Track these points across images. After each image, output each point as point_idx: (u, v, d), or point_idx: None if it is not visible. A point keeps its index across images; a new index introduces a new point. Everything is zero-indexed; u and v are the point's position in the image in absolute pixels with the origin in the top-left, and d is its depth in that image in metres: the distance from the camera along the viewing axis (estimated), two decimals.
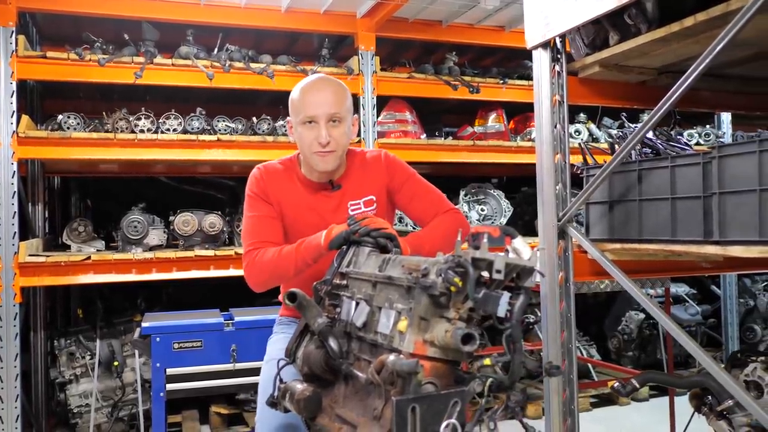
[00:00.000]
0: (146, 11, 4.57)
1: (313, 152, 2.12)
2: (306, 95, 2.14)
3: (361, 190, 2.23)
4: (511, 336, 1.46)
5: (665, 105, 2.20)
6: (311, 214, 2.21)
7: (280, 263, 2.06)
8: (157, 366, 3.71)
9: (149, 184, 6.01)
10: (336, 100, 2.12)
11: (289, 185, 2.24)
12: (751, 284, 6.72)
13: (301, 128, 2.14)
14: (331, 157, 2.13)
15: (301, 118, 2.13)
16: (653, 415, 5.16)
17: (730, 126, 6.33)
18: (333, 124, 2.11)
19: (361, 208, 2.23)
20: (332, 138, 2.10)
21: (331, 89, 2.15)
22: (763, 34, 2.24)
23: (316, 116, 2.10)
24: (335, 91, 2.15)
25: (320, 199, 2.23)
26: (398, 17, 5.02)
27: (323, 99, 2.11)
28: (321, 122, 2.10)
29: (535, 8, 2.80)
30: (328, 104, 2.10)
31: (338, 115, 2.11)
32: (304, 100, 2.13)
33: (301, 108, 2.13)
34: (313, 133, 2.10)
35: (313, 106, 2.10)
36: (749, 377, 2.60)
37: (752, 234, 2.08)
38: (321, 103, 2.10)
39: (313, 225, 2.13)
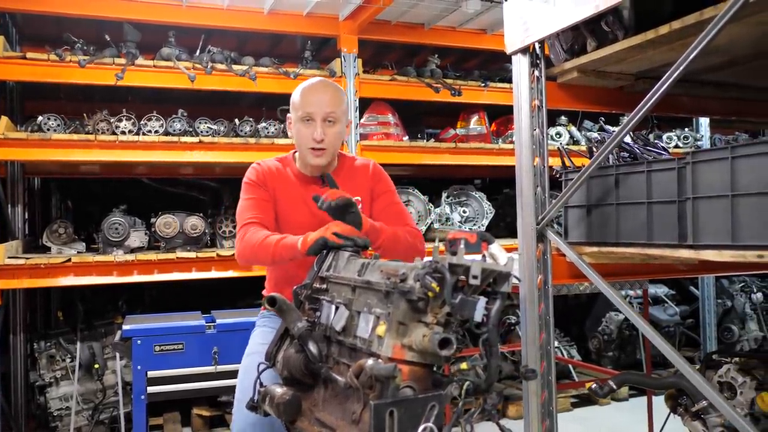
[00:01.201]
0: (127, 12, 4.54)
1: (308, 148, 2.31)
2: (306, 94, 2.32)
3: (349, 190, 2.34)
4: (488, 340, 1.49)
5: (641, 111, 2.24)
6: (303, 205, 2.37)
7: (260, 251, 2.19)
8: (138, 369, 3.69)
9: (130, 186, 5.99)
10: (333, 102, 2.31)
11: (284, 178, 2.41)
12: (729, 285, 6.81)
13: (299, 124, 2.32)
14: (324, 154, 2.32)
15: (300, 114, 2.30)
16: (633, 414, 5.22)
17: (708, 129, 6.42)
18: (328, 124, 2.30)
19: None
20: (326, 136, 2.29)
21: (329, 91, 2.34)
22: (735, 41, 2.29)
23: (314, 114, 2.28)
24: (333, 94, 2.34)
25: (312, 192, 2.33)
26: (381, 20, 5.05)
27: (321, 99, 2.30)
28: (317, 120, 2.28)
29: (514, 14, 2.84)
30: (325, 104, 2.29)
31: (333, 115, 2.30)
32: (304, 99, 2.31)
33: (300, 105, 2.31)
34: (310, 130, 2.29)
35: (311, 105, 2.29)
36: (723, 378, 2.65)
37: (724, 238, 2.12)
38: (319, 103, 2.28)
39: (303, 216, 2.35)
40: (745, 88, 3.10)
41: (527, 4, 2.73)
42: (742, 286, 6.81)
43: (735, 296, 6.74)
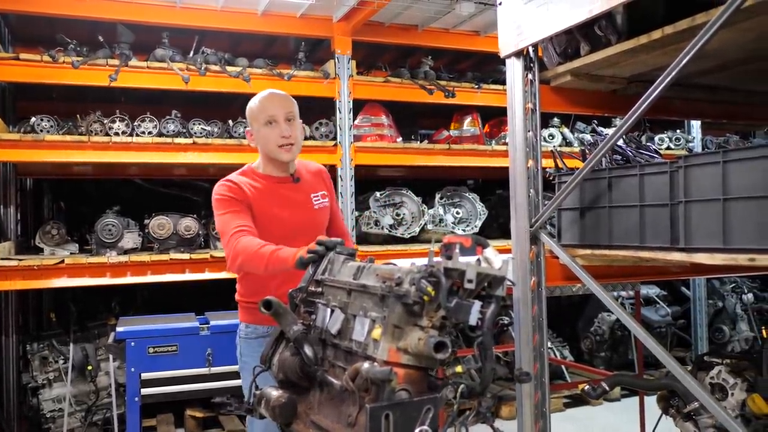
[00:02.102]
0: (121, 13, 4.54)
1: (277, 146, 2.49)
2: (265, 101, 2.54)
3: (315, 186, 2.65)
4: (483, 344, 1.51)
5: (635, 114, 2.26)
6: (281, 203, 2.53)
7: (256, 258, 2.29)
8: (131, 370, 3.69)
9: (124, 187, 5.97)
10: (289, 103, 2.56)
11: (255, 186, 2.53)
12: (720, 286, 6.86)
13: (264, 129, 2.51)
14: (293, 148, 2.52)
15: (263, 118, 2.50)
16: (625, 414, 5.25)
17: (699, 131, 6.46)
18: (289, 123, 2.51)
19: (320, 199, 2.64)
20: (291, 132, 2.50)
21: (282, 96, 2.58)
22: (726, 46, 2.31)
23: (276, 115, 2.49)
24: (286, 97, 2.59)
25: (288, 190, 2.57)
26: (374, 21, 5.06)
27: (279, 102, 2.54)
28: (280, 120, 2.49)
29: (508, 18, 2.85)
30: (284, 106, 2.53)
31: (291, 113, 2.53)
32: (263, 105, 2.53)
33: (261, 112, 2.52)
34: (276, 131, 2.49)
35: (272, 108, 2.51)
36: (714, 380, 2.67)
37: (716, 242, 2.14)
38: (278, 106, 2.52)
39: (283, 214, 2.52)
40: (735, 91, 3.13)
41: (521, 8, 2.75)
42: (733, 287, 6.86)
43: (726, 297, 6.79)
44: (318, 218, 2.63)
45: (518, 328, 2.87)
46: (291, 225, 2.52)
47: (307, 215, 2.58)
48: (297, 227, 2.52)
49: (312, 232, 2.43)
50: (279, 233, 2.44)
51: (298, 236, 2.41)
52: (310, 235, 2.27)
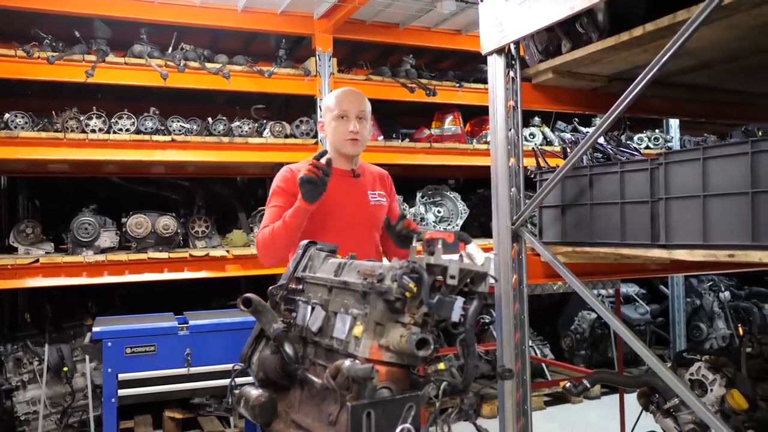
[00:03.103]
0: (98, 8, 4.47)
1: (345, 139, 2.66)
2: (341, 97, 2.72)
3: (374, 184, 2.80)
4: (465, 340, 1.49)
5: (615, 112, 2.26)
6: (339, 195, 2.64)
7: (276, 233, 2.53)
8: (108, 371, 3.62)
9: (100, 184, 5.88)
10: (363, 103, 2.73)
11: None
12: (698, 284, 6.93)
13: (335, 122, 2.68)
14: (359, 144, 2.69)
15: (336, 113, 2.67)
16: (605, 412, 5.28)
17: (678, 130, 6.52)
18: (360, 120, 2.68)
19: (377, 196, 2.77)
20: (359, 129, 2.67)
21: (359, 95, 2.77)
22: (707, 44, 2.32)
23: (348, 111, 2.66)
24: (362, 97, 2.76)
25: (346, 183, 2.70)
26: (355, 19, 5.03)
27: (354, 100, 2.71)
28: (352, 116, 2.66)
29: (489, 15, 2.84)
30: (358, 104, 2.70)
31: (364, 113, 2.70)
32: (339, 100, 2.70)
33: (336, 106, 2.68)
34: (346, 125, 2.66)
35: (346, 104, 2.68)
36: (694, 376, 2.69)
37: (696, 238, 2.15)
38: (353, 103, 2.69)
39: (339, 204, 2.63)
40: (715, 90, 3.15)
41: (503, 5, 2.74)
42: (710, 285, 6.93)
43: (703, 295, 6.86)
44: (373, 214, 2.72)
45: (500, 326, 2.87)
46: (346, 216, 2.64)
47: (362, 209, 2.70)
48: (351, 219, 2.65)
49: (366, 227, 2.69)
50: (333, 223, 2.61)
51: (352, 227, 2.62)
52: (364, 229, 2.67)
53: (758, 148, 1.96)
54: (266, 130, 4.94)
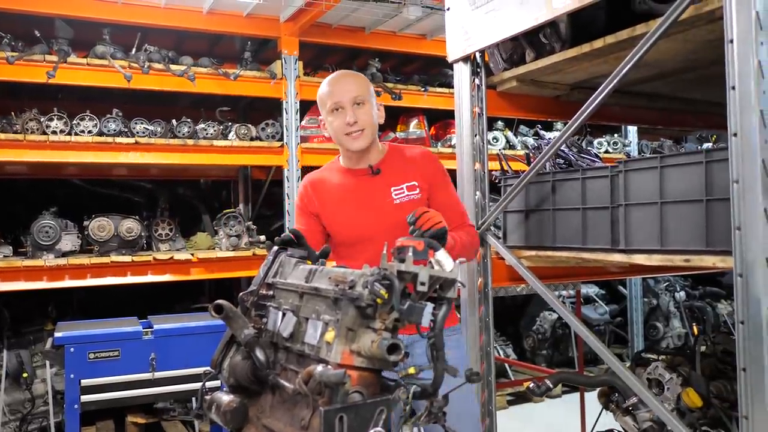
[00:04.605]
0: (59, 8, 4.38)
1: (344, 134, 2.28)
2: (329, 86, 2.31)
3: (403, 176, 2.33)
4: (434, 345, 1.54)
5: (577, 121, 2.34)
6: (354, 202, 2.34)
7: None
8: (71, 377, 3.57)
9: (60, 186, 5.77)
10: (357, 86, 2.30)
11: (331, 183, 2.40)
12: (655, 284, 7.12)
13: (330, 117, 2.30)
14: (362, 135, 2.28)
15: (329, 106, 2.29)
16: (566, 410, 5.39)
17: (636, 136, 6.70)
18: (357, 107, 2.27)
19: (404, 192, 2.32)
20: (358, 118, 2.26)
21: (350, 77, 2.35)
22: (665, 56, 2.42)
23: (341, 102, 2.26)
24: (355, 79, 2.35)
25: (363, 184, 2.34)
26: (322, 23, 5.05)
27: (345, 86, 2.29)
28: (346, 106, 2.26)
29: (456, 23, 2.90)
30: (350, 90, 2.27)
31: (360, 97, 2.27)
32: (329, 91, 2.30)
33: (327, 98, 2.30)
34: (341, 118, 2.27)
35: (337, 94, 2.28)
36: (651, 375, 2.77)
37: (654, 243, 2.24)
38: (343, 90, 2.27)
39: (353, 213, 2.33)
40: (672, 98, 3.26)
41: (469, 15, 2.80)
42: (666, 285, 7.13)
43: (660, 295, 7.05)
44: (399, 215, 2.18)
45: (465, 329, 2.92)
46: (362, 226, 2.30)
47: (383, 213, 2.29)
48: (370, 227, 2.28)
49: (391, 231, 1.99)
50: (349, 235, 2.33)
51: (375, 237, 2.16)
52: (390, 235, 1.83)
53: (712, 157, 2.05)
54: (231, 132, 4.92)
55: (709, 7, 1.96)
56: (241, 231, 4.91)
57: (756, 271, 1.75)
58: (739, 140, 1.78)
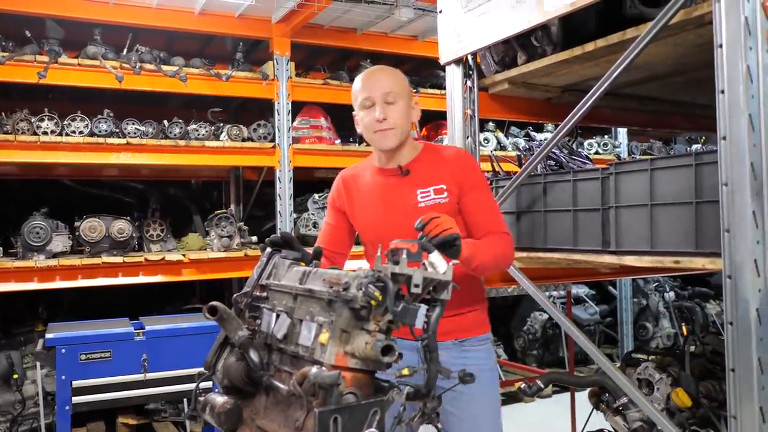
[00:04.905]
0: (51, 8, 4.38)
1: (373, 132, 2.19)
2: (362, 81, 2.23)
3: (432, 178, 2.21)
4: (428, 346, 1.55)
5: (569, 123, 2.36)
6: (380, 202, 2.26)
7: None
8: (62, 378, 3.56)
9: (51, 187, 5.74)
10: (390, 82, 2.20)
11: (362, 181, 2.34)
12: (644, 285, 7.17)
13: (362, 113, 2.22)
14: (391, 134, 2.18)
15: (360, 102, 2.21)
16: (556, 410, 5.42)
17: (626, 137, 6.75)
18: (388, 105, 2.17)
19: (431, 195, 2.20)
20: (389, 116, 2.16)
21: (385, 73, 2.26)
22: (654, 59, 2.44)
23: (372, 97, 2.18)
24: (389, 75, 2.25)
25: (390, 184, 2.25)
26: (314, 24, 5.06)
27: (377, 81, 2.20)
28: (377, 102, 2.17)
29: (448, 26, 2.92)
30: (382, 85, 2.18)
31: (392, 94, 2.17)
32: (361, 86, 2.22)
33: (359, 93, 2.22)
34: (371, 114, 2.18)
35: (368, 89, 2.19)
36: (641, 375, 2.80)
37: (644, 245, 2.26)
38: (375, 86, 2.19)
39: (378, 214, 2.26)
40: (662, 101, 3.29)
41: (461, 17, 2.81)
42: (656, 286, 7.18)
43: (649, 295, 7.10)
44: None
45: None
46: (385, 227, 2.20)
47: (406, 215, 2.10)
48: (393, 229, 2.05)
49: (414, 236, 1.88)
50: (373, 236, 2.26)
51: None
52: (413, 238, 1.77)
53: (701, 160, 2.07)
54: (223, 133, 4.92)
55: (698, 12, 1.99)
56: (233, 232, 4.91)
57: (744, 272, 1.77)
58: (728, 143, 1.81)
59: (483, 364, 2.25)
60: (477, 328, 2.29)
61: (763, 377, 1.74)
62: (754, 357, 1.75)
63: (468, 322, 2.25)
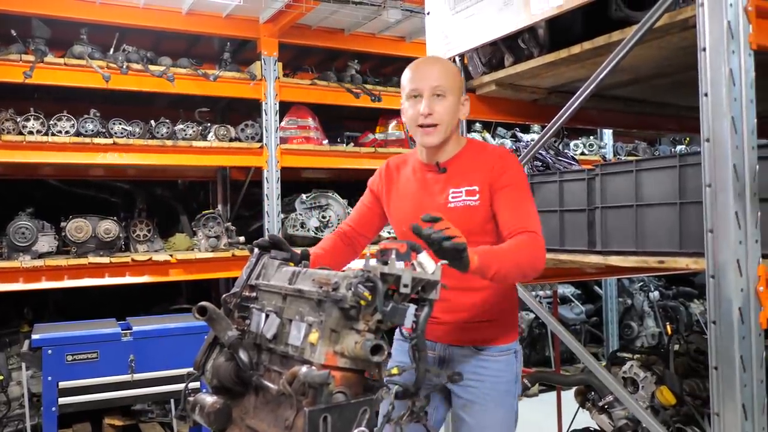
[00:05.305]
0: (36, 7, 4.34)
1: (416, 126, 2.10)
2: (412, 71, 2.14)
3: (466, 179, 2.11)
4: (417, 345, 1.57)
5: (555, 124, 2.39)
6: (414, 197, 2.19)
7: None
8: (48, 379, 3.54)
9: (37, 187, 5.70)
10: (440, 75, 2.09)
11: (404, 172, 2.26)
12: (629, 284, 7.24)
13: (407, 104, 2.13)
14: (434, 131, 2.08)
15: (407, 92, 2.12)
16: (543, 409, 5.44)
17: (611, 138, 6.81)
18: (436, 98, 2.08)
19: (462, 196, 2.10)
20: (434, 111, 2.07)
21: (436, 65, 2.15)
22: (639, 62, 2.47)
23: (419, 89, 2.08)
24: (440, 67, 2.14)
25: (426, 180, 2.17)
26: (301, 24, 5.06)
27: (427, 73, 2.10)
28: (424, 95, 2.08)
29: (436, 27, 2.93)
30: (431, 78, 2.08)
31: (441, 88, 2.07)
32: (410, 76, 2.13)
33: (407, 83, 2.13)
34: (417, 106, 2.09)
35: (416, 80, 2.10)
36: (626, 374, 2.84)
37: (629, 245, 2.29)
38: (424, 77, 2.09)
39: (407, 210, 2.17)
40: (647, 102, 3.33)
41: (449, 19, 2.83)
42: (641, 285, 7.25)
43: (634, 295, 7.17)
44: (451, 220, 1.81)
45: None
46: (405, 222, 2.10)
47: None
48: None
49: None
50: (401, 230, 2.21)
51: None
52: None
53: (685, 162, 2.11)
54: (211, 133, 4.91)
55: (682, 16, 2.02)
56: (221, 232, 4.90)
57: (727, 272, 1.80)
58: (711, 145, 1.84)
59: (502, 375, 2.15)
60: (500, 338, 2.16)
61: (745, 375, 1.77)
62: (736, 355, 1.78)
63: (491, 330, 2.15)
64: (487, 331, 2.14)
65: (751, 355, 1.78)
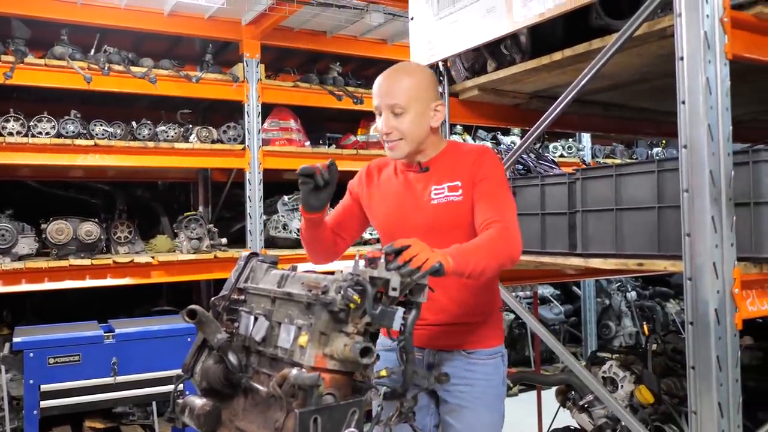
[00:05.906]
0: (16, 8, 4.30)
1: (383, 141, 2.11)
2: (376, 85, 2.11)
3: (448, 175, 2.09)
4: (405, 347, 1.60)
5: (538, 129, 2.44)
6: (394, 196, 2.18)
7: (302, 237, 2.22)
8: (30, 383, 3.51)
9: (16, 188, 5.64)
10: (398, 92, 2.04)
11: (386, 174, 2.26)
12: (607, 285, 7.34)
13: (377, 115, 2.12)
14: (397, 146, 2.07)
15: (374, 105, 2.12)
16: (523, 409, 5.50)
17: (590, 141, 6.90)
18: (393, 116, 2.05)
19: (444, 192, 2.08)
20: (393, 129, 2.05)
21: (396, 81, 2.08)
22: (618, 68, 2.53)
23: (379, 106, 2.08)
24: (398, 83, 2.07)
25: (408, 180, 2.17)
26: (284, 26, 5.06)
27: (384, 89, 2.08)
28: (384, 112, 2.07)
29: (420, 33, 2.97)
30: (389, 96, 2.05)
31: (399, 106, 2.03)
32: (374, 90, 2.11)
33: (373, 97, 2.12)
34: (380, 122, 2.10)
35: (376, 96, 2.09)
36: (606, 374, 2.89)
37: (609, 248, 2.35)
38: (382, 94, 2.07)
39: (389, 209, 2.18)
40: (626, 107, 3.39)
41: (433, 24, 2.87)
42: (618, 286, 7.35)
43: (612, 295, 7.27)
44: (434, 216, 2.06)
45: None
46: (396, 223, 2.13)
47: (417, 212, 2.10)
48: (404, 226, 2.09)
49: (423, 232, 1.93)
50: (385, 231, 2.19)
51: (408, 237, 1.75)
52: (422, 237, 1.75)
53: (663, 167, 2.16)
54: (192, 135, 4.90)
55: (661, 25, 2.07)
56: (202, 234, 4.89)
57: (704, 274, 1.86)
58: (688, 152, 1.89)
59: (492, 378, 2.14)
60: (487, 340, 2.17)
61: (721, 374, 1.83)
62: (712, 355, 1.83)
63: (477, 333, 2.15)
64: (473, 335, 2.14)
65: (727, 355, 1.84)
